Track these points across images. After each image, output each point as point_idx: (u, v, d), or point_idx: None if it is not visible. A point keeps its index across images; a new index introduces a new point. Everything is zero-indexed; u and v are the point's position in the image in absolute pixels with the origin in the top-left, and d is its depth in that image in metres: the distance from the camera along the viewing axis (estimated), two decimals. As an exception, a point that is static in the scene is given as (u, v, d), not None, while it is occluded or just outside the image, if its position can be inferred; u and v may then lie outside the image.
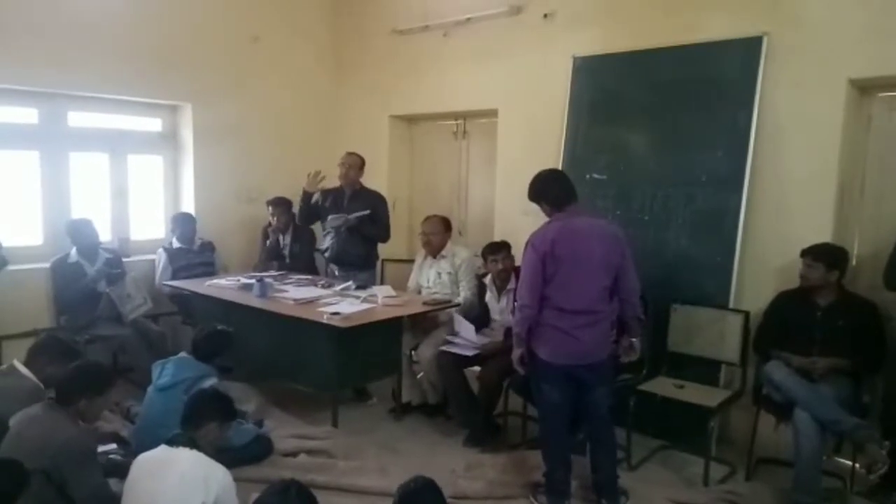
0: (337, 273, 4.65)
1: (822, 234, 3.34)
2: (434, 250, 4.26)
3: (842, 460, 3.23)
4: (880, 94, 3.45)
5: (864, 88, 3.46)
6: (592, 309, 2.82)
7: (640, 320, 3.01)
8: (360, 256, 4.54)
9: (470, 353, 3.69)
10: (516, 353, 2.94)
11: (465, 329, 3.77)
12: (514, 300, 3.66)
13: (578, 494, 3.06)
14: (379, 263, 4.89)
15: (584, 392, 2.92)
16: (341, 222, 4.38)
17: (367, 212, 4.38)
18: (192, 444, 2.28)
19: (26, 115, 4.43)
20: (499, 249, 3.85)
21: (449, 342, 3.81)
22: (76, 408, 2.42)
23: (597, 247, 2.81)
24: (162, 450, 2.28)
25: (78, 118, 4.68)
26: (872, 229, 3.48)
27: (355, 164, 4.52)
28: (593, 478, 3.02)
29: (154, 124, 5.12)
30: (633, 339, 2.98)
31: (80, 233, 4.24)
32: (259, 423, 3.55)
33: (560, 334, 2.82)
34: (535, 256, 2.80)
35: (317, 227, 4.95)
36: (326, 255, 4.72)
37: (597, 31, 4.20)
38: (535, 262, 2.80)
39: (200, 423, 2.37)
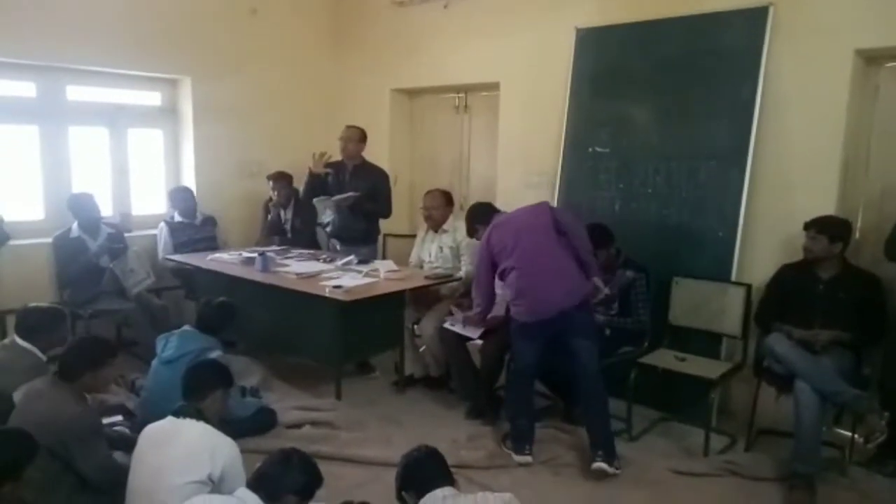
0: (338, 248, 4.65)
1: (826, 206, 3.32)
2: (436, 224, 4.25)
3: (841, 431, 3.26)
4: (888, 65, 3.41)
5: (872, 59, 3.42)
6: (553, 264, 3.08)
7: (595, 256, 3.26)
8: (361, 231, 4.54)
9: (475, 334, 3.71)
10: (483, 320, 3.49)
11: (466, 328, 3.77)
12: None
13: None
14: (380, 238, 4.89)
15: (567, 346, 3.09)
16: (331, 205, 4.39)
17: (353, 194, 4.33)
18: (199, 415, 2.30)
19: (24, 88, 4.40)
20: None
21: (452, 322, 3.81)
22: (81, 383, 2.44)
23: (519, 212, 3.28)
24: (169, 421, 2.30)
25: (77, 92, 4.64)
26: (877, 201, 3.47)
27: (354, 137, 4.48)
28: (589, 438, 3.10)
29: (153, 98, 5.09)
30: (595, 279, 3.22)
31: (82, 207, 4.23)
32: (256, 393, 3.57)
33: (530, 294, 3.08)
34: (484, 254, 3.25)
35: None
36: (328, 229, 4.72)
37: (600, 2, 4.14)
38: (485, 260, 3.24)
39: (205, 393, 2.39)
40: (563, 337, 3.10)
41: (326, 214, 4.63)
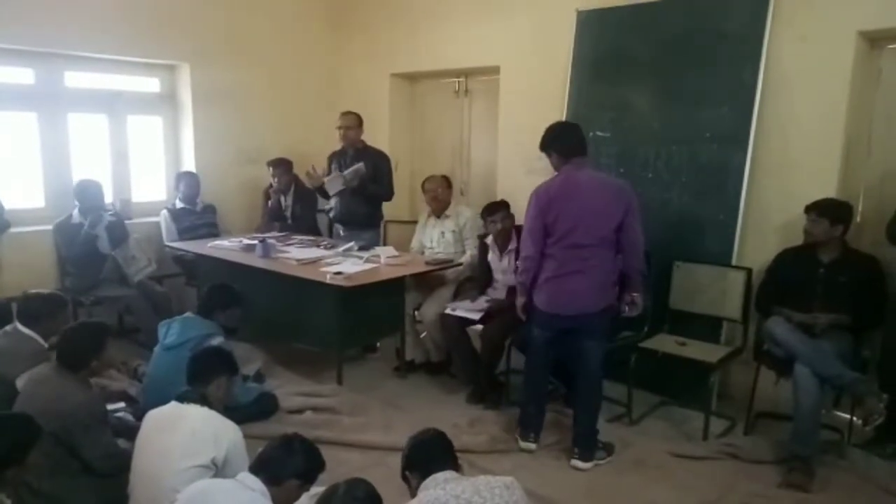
0: (342, 233, 4.64)
1: (827, 190, 3.31)
2: (441, 207, 4.25)
3: (840, 414, 3.27)
4: (890, 46, 3.38)
5: (874, 40, 3.39)
6: (586, 257, 2.92)
7: (644, 276, 3.06)
8: (363, 216, 4.53)
9: (475, 316, 3.72)
10: (520, 301, 3.13)
11: (467, 311, 3.79)
12: (517, 260, 3.69)
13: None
14: (382, 224, 4.87)
15: (575, 342, 3.04)
16: (341, 184, 4.34)
17: (360, 165, 4.33)
18: (203, 400, 2.31)
19: (22, 74, 4.38)
20: (496, 210, 3.79)
21: (453, 307, 3.84)
22: (88, 370, 2.47)
23: (596, 198, 2.91)
24: (173, 406, 2.31)
25: (75, 78, 4.62)
26: (878, 184, 3.45)
27: (353, 123, 4.46)
28: (573, 429, 3.11)
29: (152, 84, 5.06)
30: (635, 294, 3.04)
31: (86, 194, 4.19)
32: (259, 379, 3.59)
33: (554, 284, 2.98)
34: (537, 208, 2.97)
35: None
36: (331, 214, 4.71)
37: (601, -16, 4.11)
38: (536, 213, 2.97)
39: (210, 379, 2.40)
40: (573, 335, 3.03)
41: (330, 200, 4.62)
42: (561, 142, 3.01)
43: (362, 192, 4.41)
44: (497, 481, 1.81)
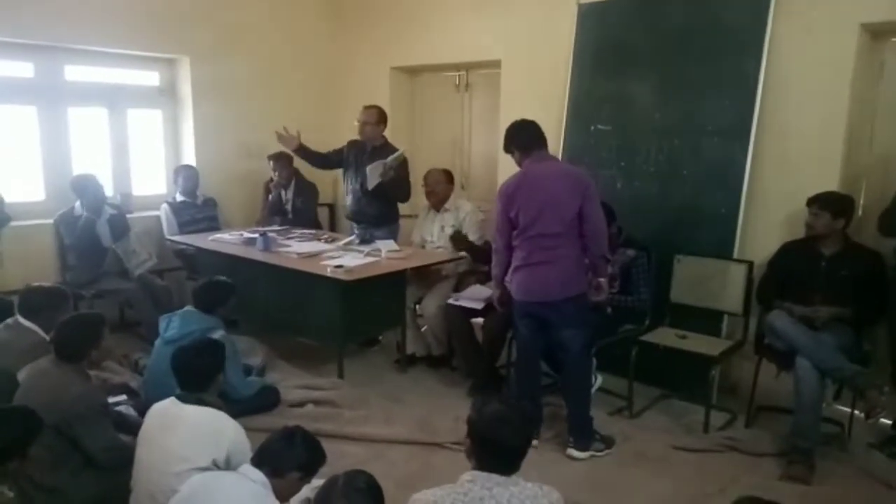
0: (356, 230, 4.58)
1: (829, 183, 3.30)
2: (438, 202, 4.23)
3: (841, 407, 3.27)
4: (893, 39, 3.37)
5: (877, 33, 3.38)
6: (551, 246, 2.96)
7: (607, 260, 3.10)
8: (373, 215, 4.43)
9: (479, 306, 3.72)
10: (495, 293, 3.27)
11: (470, 300, 3.80)
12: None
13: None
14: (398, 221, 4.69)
15: (552, 332, 3.07)
16: (379, 174, 4.16)
17: (402, 151, 4.20)
18: (201, 402, 2.30)
19: (21, 68, 4.37)
20: None
21: (457, 297, 3.84)
22: (88, 361, 2.47)
23: (553, 188, 2.97)
24: (173, 403, 2.29)
25: (75, 72, 4.61)
26: (880, 178, 3.44)
27: (370, 118, 4.33)
28: (567, 419, 3.12)
29: (152, 78, 5.05)
30: (601, 280, 3.06)
31: (86, 188, 4.18)
32: (261, 372, 3.59)
33: (522, 273, 3.05)
34: (501, 204, 3.09)
35: (320, 183, 4.91)
36: (346, 214, 4.66)
37: (602, -23, 4.09)
38: (500, 210, 3.09)
39: (209, 382, 2.39)
40: (551, 325, 3.06)
41: (347, 197, 4.56)
42: (518, 139, 3.12)
43: (383, 191, 4.26)
44: (543, 499, 1.76)
